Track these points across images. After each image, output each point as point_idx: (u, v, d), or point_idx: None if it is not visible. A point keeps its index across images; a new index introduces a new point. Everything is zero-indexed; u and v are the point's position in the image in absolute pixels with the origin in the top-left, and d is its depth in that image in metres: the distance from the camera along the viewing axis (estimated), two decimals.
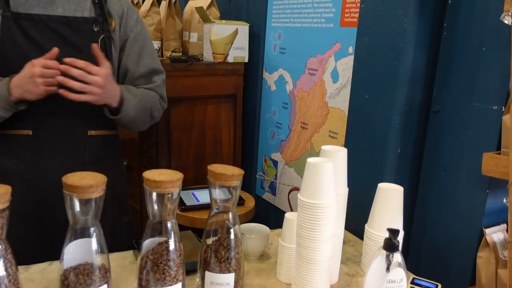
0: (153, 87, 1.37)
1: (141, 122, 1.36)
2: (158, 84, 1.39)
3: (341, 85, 1.64)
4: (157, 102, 1.38)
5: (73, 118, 1.27)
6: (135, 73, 1.36)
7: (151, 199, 0.95)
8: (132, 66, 1.35)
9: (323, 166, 0.95)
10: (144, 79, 1.37)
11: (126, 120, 1.30)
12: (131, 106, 1.27)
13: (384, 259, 0.97)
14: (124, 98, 1.25)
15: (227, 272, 1.02)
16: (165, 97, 1.43)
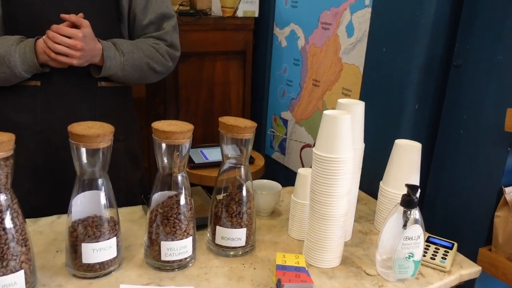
0: (161, 34, 1.31)
1: (138, 78, 1.30)
2: (167, 30, 1.32)
3: (356, 39, 1.57)
4: (162, 53, 1.30)
5: (82, 69, 1.23)
6: (143, 20, 1.29)
7: (160, 150, 0.91)
8: (139, 12, 1.28)
9: (341, 118, 0.91)
10: (154, 26, 1.31)
11: (117, 78, 1.26)
12: (116, 65, 1.22)
13: (401, 216, 0.94)
14: (106, 57, 1.19)
15: (239, 227, 1.00)
16: (177, 44, 1.36)
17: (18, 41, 1.15)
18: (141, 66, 1.27)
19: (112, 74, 1.23)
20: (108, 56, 1.19)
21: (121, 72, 1.24)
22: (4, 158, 0.76)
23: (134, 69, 1.26)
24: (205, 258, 1.00)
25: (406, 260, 0.93)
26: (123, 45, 1.24)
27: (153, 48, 1.29)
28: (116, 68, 1.22)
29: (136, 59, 1.25)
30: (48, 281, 0.88)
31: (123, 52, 1.23)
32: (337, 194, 0.94)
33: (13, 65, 1.14)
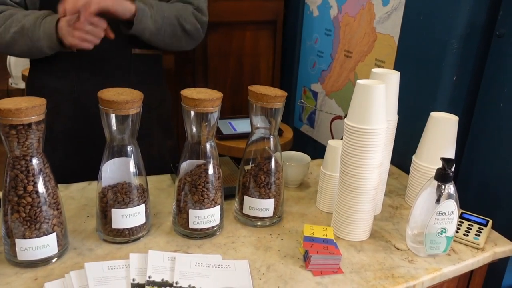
0: None
1: (170, 36, 1.25)
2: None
3: (391, 8, 1.50)
4: (188, 13, 1.26)
5: (117, 35, 1.22)
6: None
7: (189, 118, 0.90)
8: None
9: (375, 87, 0.87)
10: None
11: (149, 33, 1.20)
12: (147, 17, 1.17)
13: (435, 190, 0.91)
14: (138, 8, 1.14)
15: (267, 198, 0.99)
16: (204, 9, 1.31)
17: (45, 15, 1.13)
18: (170, 19, 1.22)
19: (144, 27, 1.18)
20: (140, 8, 1.15)
21: (153, 25, 1.18)
22: (36, 122, 0.76)
23: (164, 22, 1.21)
24: (232, 228, 1.00)
25: (438, 235, 0.91)
26: (149, 1, 1.20)
27: (182, 6, 1.26)
28: (147, 22, 1.17)
29: (165, 11, 1.21)
30: (79, 244, 0.90)
31: (151, 5, 1.19)
32: (368, 166, 0.91)
33: (36, 39, 1.11)
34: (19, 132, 0.76)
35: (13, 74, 3.07)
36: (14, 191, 0.78)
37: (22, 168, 0.78)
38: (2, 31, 1.14)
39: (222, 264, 0.85)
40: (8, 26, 1.14)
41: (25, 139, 0.76)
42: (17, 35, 1.12)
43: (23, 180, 0.78)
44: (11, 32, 1.13)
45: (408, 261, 0.91)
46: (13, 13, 1.15)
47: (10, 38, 1.13)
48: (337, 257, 0.87)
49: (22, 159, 0.78)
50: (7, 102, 0.75)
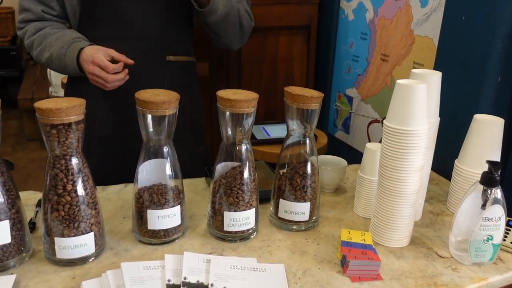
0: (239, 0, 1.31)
1: (232, 26, 1.28)
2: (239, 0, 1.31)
3: (430, 9, 1.46)
4: (243, 11, 1.31)
5: (153, 42, 1.24)
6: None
7: (225, 119, 0.90)
8: None
9: (416, 87, 0.84)
10: None
11: (218, 16, 1.22)
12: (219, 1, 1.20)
13: (480, 195, 0.86)
14: None
15: (302, 201, 0.97)
16: (251, 13, 1.36)
17: (71, 42, 1.18)
18: (234, 11, 1.26)
19: (216, 8, 1.20)
20: None
21: (223, 9, 1.22)
22: (76, 121, 0.78)
23: (231, 11, 1.24)
24: (267, 231, 0.98)
25: (484, 243, 0.86)
26: None
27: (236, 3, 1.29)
28: (219, 4, 1.20)
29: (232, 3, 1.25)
30: (116, 245, 0.90)
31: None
32: (409, 169, 0.88)
33: (63, 66, 1.20)
34: (59, 131, 0.77)
35: (53, 82, 3.17)
36: (53, 190, 0.79)
37: (62, 167, 0.79)
38: (38, 53, 1.23)
39: (257, 268, 0.84)
40: (42, 50, 1.22)
41: (65, 138, 0.78)
42: (48, 60, 1.21)
43: (63, 179, 0.79)
44: (44, 57, 1.22)
45: (452, 269, 0.87)
46: (47, 35, 1.22)
47: (45, 61, 1.23)
48: (376, 263, 0.84)
49: (62, 158, 0.79)
50: (48, 102, 0.77)
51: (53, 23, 1.24)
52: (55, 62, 1.20)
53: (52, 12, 1.23)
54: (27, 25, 1.23)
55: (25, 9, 1.23)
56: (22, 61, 4.24)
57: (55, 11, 1.24)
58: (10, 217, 0.80)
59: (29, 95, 3.41)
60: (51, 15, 1.24)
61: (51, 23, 1.24)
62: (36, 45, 1.22)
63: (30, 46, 1.23)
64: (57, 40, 1.19)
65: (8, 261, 0.81)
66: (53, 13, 1.24)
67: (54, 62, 1.20)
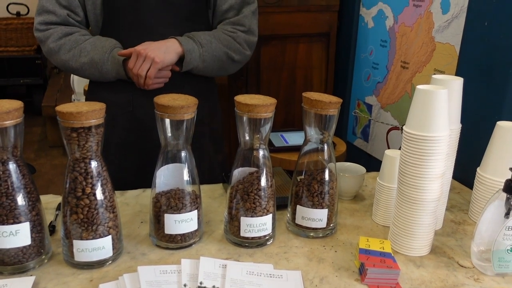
0: (240, 18, 1.29)
1: (219, 70, 1.31)
2: (246, 15, 1.30)
3: (452, 16, 1.44)
4: (237, 44, 1.29)
5: None
6: (224, 4, 1.29)
7: (242, 124, 0.90)
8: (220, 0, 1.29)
9: (436, 93, 0.83)
10: (233, 12, 1.30)
11: (198, 71, 1.27)
12: (195, 57, 1.23)
13: (503, 204, 0.84)
14: (186, 51, 1.21)
15: (320, 208, 0.96)
16: (255, 30, 1.33)
17: (112, 47, 1.21)
18: (220, 56, 1.27)
19: (194, 67, 1.25)
20: (188, 49, 1.21)
21: (202, 64, 1.25)
22: (96, 125, 0.79)
23: (213, 60, 1.26)
24: (284, 238, 0.97)
25: (507, 252, 0.84)
26: (200, 37, 1.24)
27: (230, 37, 1.28)
28: (197, 61, 1.24)
29: (214, 49, 1.25)
30: (133, 249, 0.90)
31: (201, 44, 1.23)
32: (429, 176, 0.86)
33: (105, 72, 1.22)
34: (79, 135, 0.78)
35: (76, 90, 3.23)
36: (73, 193, 0.80)
37: (81, 170, 0.80)
38: (70, 57, 1.23)
39: (274, 274, 0.83)
40: (77, 55, 1.22)
41: (85, 141, 0.79)
42: (86, 66, 1.22)
43: (82, 182, 0.80)
44: (80, 61, 1.22)
45: (474, 280, 0.84)
46: (79, 40, 1.23)
47: (79, 66, 1.23)
48: (395, 272, 0.82)
49: (81, 161, 0.80)
50: (69, 106, 0.78)
51: (79, 29, 1.26)
52: (93, 67, 1.22)
53: (77, 18, 1.25)
54: (50, 28, 1.22)
55: (47, 11, 1.21)
56: (47, 69, 4.34)
57: (79, 17, 1.25)
58: (30, 219, 0.81)
59: (53, 102, 3.48)
60: (75, 20, 1.25)
61: (78, 29, 1.25)
62: (66, 49, 1.22)
63: (55, 50, 1.22)
64: (94, 46, 1.21)
65: (28, 263, 0.82)
66: (78, 19, 1.25)
67: (93, 67, 1.22)
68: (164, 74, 1.22)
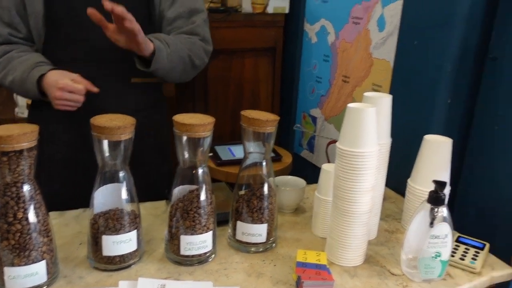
0: (193, 28, 1.28)
1: (180, 72, 1.28)
2: (198, 24, 1.28)
3: (387, 33, 1.52)
4: (198, 47, 1.28)
5: (116, 65, 1.24)
6: (171, 13, 1.27)
7: (181, 144, 0.91)
8: (167, 7, 1.27)
9: (365, 111, 0.88)
10: (182, 21, 1.28)
11: (163, 72, 1.23)
12: (163, 56, 1.19)
13: (428, 214, 0.90)
14: (157, 48, 1.17)
15: (259, 223, 0.98)
16: (209, 38, 1.33)
17: (33, 66, 1.18)
18: (184, 58, 1.24)
19: (161, 67, 1.20)
20: (158, 47, 1.16)
21: (169, 64, 1.20)
22: (27, 148, 0.77)
23: (178, 61, 1.23)
24: (225, 254, 0.99)
25: (432, 259, 0.89)
26: (165, 38, 1.22)
27: (190, 42, 1.27)
28: (164, 61, 1.19)
29: (179, 50, 1.23)
30: (70, 272, 0.89)
31: (168, 43, 1.20)
32: (361, 190, 0.91)
33: (27, 91, 1.19)
34: (10, 159, 0.77)
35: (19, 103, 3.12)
36: (4, 218, 0.78)
37: (12, 195, 0.78)
38: (2, 77, 1.22)
39: None
40: (6, 74, 1.21)
41: (17, 165, 0.77)
42: (11, 84, 1.21)
43: (14, 207, 0.78)
44: (8, 80, 1.21)
45: (403, 286, 0.89)
46: (11, 58, 1.20)
47: (8, 85, 1.22)
48: (329, 283, 0.85)
49: (13, 185, 0.78)
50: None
51: (20, 46, 1.23)
52: (17, 86, 1.19)
53: (19, 34, 1.23)
54: None
55: None
56: None
57: (21, 34, 1.23)
58: None
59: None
60: (17, 37, 1.23)
61: (18, 46, 1.23)
62: (1, 68, 1.21)
63: None
64: (21, 64, 1.19)
65: None
66: (20, 36, 1.23)
67: (17, 86, 1.19)
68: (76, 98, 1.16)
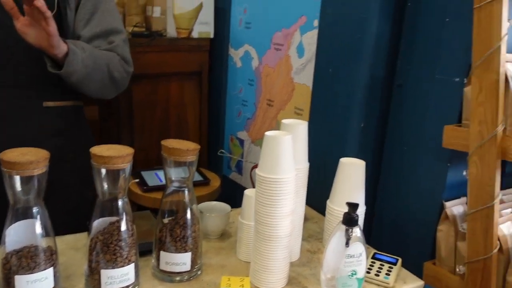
0: (112, 47, 1.24)
1: (99, 83, 1.22)
2: (117, 44, 1.25)
3: (306, 60, 1.60)
4: (116, 61, 1.23)
5: (27, 88, 1.19)
6: (86, 32, 1.22)
7: (100, 176, 0.89)
8: (82, 25, 1.22)
9: (281, 139, 0.92)
10: (99, 41, 1.23)
11: (77, 77, 1.15)
12: (78, 60, 1.12)
13: (344, 234, 0.95)
14: (70, 50, 1.10)
15: (183, 252, 0.98)
16: (129, 59, 1.29)
17: None
18: (101, 66, 1.19)
19: (74, 70, 1.13)
20: (72, 49, 1.11)
21: (84, 70, 1.14)
22: None
23: (95, 68, 1.17)
24: (149, 285, 0.97)
25: (349, 278, 0.94)
26: (81, 43, 1.17)
27: (108, 54, 1.23)
28: (79, 64, 1.13)
29: (96, 56, 1.18)
30: None
31: (83, 49, 1.15)
32: (280, 215, 0.94)
33: None
34: None
35: None
36: None
37: None
38: None
39: None
40: None
41: None
42: None
43: None
44: None
45: None
46: None
47: None
48: None
49: None
50: None
51: None
52: None
53: None
54: None
55: None
56: None
57: None
58: None
59: None
60: None
61: None
62: None
63: None
64: None
65: None
66: None
67: None
68: None
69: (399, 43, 1.28)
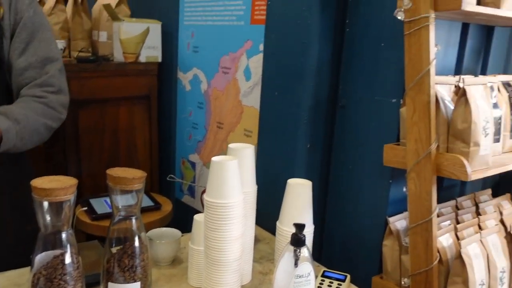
0: (46, 79, 1.22)
1: (37, 142, 1.22)
2: (52, 74, 1.23)
3: (253, 83, 1.64)
4: (52, 109, 1.22)
5: None
6: (21, 62, 1.20)
7: (42, 209, 0.87)
8: (17, 55, 1.20)
9: (227, 164, 0.93)
10: (35, 71, 1.21)
11: (14, 149, 1.15)
12: (12, 137, 1.12)
13: (292, 255, 0.96)
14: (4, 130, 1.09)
15: (132, 282, 0.97)
16: (65, 89, 1.27)
17: None
18: (38, 129, 1.18)
19: (11, 145, 1.12)
20: (4, 129, 1.09)
21: (20, 142, 1.14)
22: None
23: (32, 135, 1.17)
24: None
25: None
26: (14, 113, 1.14)
27: (43, 104, 1.21)
28: (14, 140, 1.12)
29: (32, 123, 1.16)
30: None
31: (17, 120, 1.13)
32: (229, 238, 0.95)
33: None
34: None
35: None
36: None
37: None
38: None
39: None
40: None
41: None
42: None
43: None
44: None
45: None
46: None
47: None
48: None
49: None
50: None
51: None
52: None
53: None
54: None
55: None
56: None
57: None
58: None
59: None
60: None
61: None
62: None
63: None
64: None
65: None
66: None
67: None
68: None
69: (340, 66, 1.34)
